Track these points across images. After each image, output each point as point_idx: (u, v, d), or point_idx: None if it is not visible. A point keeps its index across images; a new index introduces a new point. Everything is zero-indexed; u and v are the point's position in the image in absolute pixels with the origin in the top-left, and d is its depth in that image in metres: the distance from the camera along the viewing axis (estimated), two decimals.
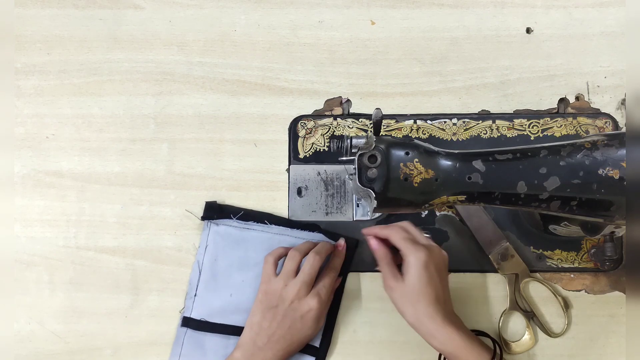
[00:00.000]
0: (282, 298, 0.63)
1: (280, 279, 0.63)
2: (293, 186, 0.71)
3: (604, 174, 0.50)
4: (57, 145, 0.72)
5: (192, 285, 0.69)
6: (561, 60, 0.72)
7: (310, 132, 0.71)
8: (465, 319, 0.69)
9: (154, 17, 0.73)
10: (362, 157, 0.53)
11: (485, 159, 0.53)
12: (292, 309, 0.62)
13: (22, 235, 0.71)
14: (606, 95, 0.71)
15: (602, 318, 0.69)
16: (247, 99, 0.72)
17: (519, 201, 0.53)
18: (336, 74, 0.73)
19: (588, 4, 0.73)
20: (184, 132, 0.72)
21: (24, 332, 0.69)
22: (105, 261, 0.71)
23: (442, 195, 0.53)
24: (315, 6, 0.73)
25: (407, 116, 0.71)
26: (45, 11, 0.74)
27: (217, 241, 0.69)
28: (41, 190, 0.72)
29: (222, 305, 0.68)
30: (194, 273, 0.69)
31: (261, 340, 0.62)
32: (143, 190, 0.71)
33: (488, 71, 0.72)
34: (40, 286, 0.70)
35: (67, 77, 0.73)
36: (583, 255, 0.69)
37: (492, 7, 0.73)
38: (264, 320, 0.63)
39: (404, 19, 0.73)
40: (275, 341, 0.62)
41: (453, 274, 0.69)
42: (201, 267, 0.69)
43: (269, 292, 0.64)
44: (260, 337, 0.62)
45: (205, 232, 0.69)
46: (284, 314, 0.62)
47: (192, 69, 0.73)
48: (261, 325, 0.63)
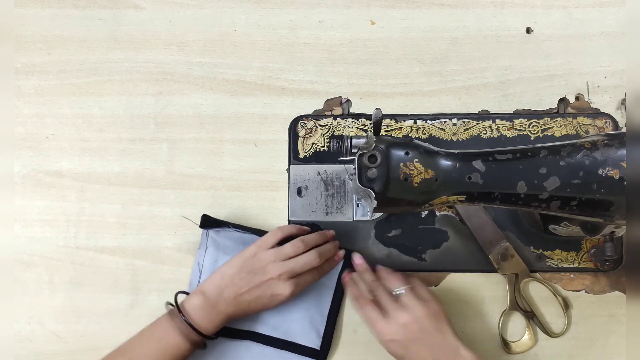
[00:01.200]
0: (264, 270, 0.63)
1: (273, 254, 0.63)
2: (293, 186, 0.71)
3: (604, 174, 0.50)
4: (57, 145, 0.72)
5: (192, 285, 0.69)
6: (561, 60, 0.72)
7: (310, 132, 0.71)
8: (465, 319, 0.69)
9: (154, 17, 0.73)
10: (362, 157, 0.53)
11: (485, 159, 0.53)
12: (268, 285, 0.62)
13: (22, 235, 0.71)
14: (606, 95, 0.71)
15: (602, 318, 0.69)
16: (247, 99, 0.72)
17: (519, 201, 0.53)
18: (336, 74, 0.73)
19: (588, 4, 0.73)
20: (184, 132, 0.72)
21: (24, 332, 0.70)
22: (105, 261, 0.71)
23: (442, 195, 0.53)
24: (315, 6, 0.73)
25: (407, 116, 0.71)
26: (45, 11, 0.74)
27: (218, 243, 0.69)
28: (41, 190, 0.72)
29: None
30: (194, 274, 0.69)
31: (228, 293, 0.62)
32: (143, 190, 0.71)
33: (488, 71, 0.72)
34: (40, 286, 0.70)
35: (67, 77, 0.73)
36: (583, 255, 0.69)
37: (492, 7, 0.73)
38: (238, 278, 0.63)
39: (404, 19, 0.73)
40: (239, 301, 0.62)
41: (453, 274, 0.70)
42: (201, 269, 0.69)
43: (256, 257, 0.64)
44: (228, 290, 0.62)
45: (205, 234, 0.69)
46: (259, 285, 0.62)
47: (192, 69, 0.73)
48: (233, 280, 0.63)
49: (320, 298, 0.69)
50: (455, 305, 0.69)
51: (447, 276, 0.70)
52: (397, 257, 0.70)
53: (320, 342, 0.68)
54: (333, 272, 0.69)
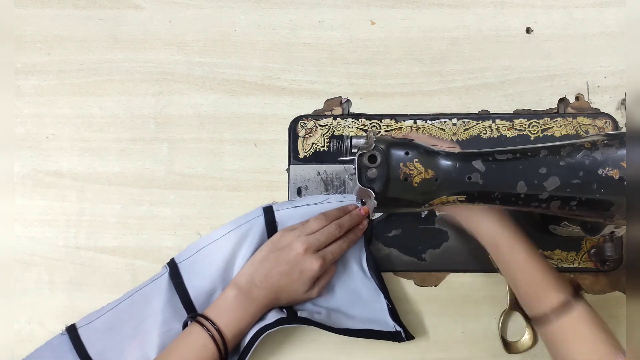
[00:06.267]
0: (290, 246, 0.63)
1: (297, 231, 0.64)
2: (293, 186, 0.71)
3: (604, 174, 0.50)
4: (57, 145, 0.72)
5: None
6: (561, 60, 0.72)
7: (310, 132, 0.71)
8: (465, 319, 0.69)
9: (154, 17, 0.73)
10: (362, 157, 0.53)
11: (485, 159, 0.53)
12: (295, 260, 0.62)
13: (22, 235, 0.71)
14: (606, 95, 0.71)
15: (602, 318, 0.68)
16: (247, 99, 0.72)
17: (519, 201, 0.53)
18: (336, 74, 0.73)
19: (588, 4, 0.73)
20: (184, 132, 0.72)
21: (24, 332, 0.69)
22: (105, 261, 0.71)
23: (442, 195, 0.53)
24: (315, 6, 0.73)
25: (407, 116, 0.71)
26: (45, 11, 0.74)
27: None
28: (41, 190, 0.72)
29: None
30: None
31: (259, 277, 0.63)
32: (143, 190, 0.71)
33: (488, 71, 0.72)
34: (40, 286, 0.70)
35: (67, 77, 0.73)
36: (583, 255, 0.69)
37: (492, 7, 0.73)
38: (267, 260, 0.63)
39: (403, 19, 0.73)
40: (270, 283, 0.63)
41: (453, 274, 0.69)
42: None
43: (282, 237, 0.65)
44: (258, 274, 0.63)
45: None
46: (286, 261, 0.63)
47: (192, 69, 0.73)
48: (262, 263, 0.63)
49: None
50: (455, 304, 0.69)
51: (447, 276, 0.70)
52: (397, 257, 0.70)
53: (393, 323, 0.66)
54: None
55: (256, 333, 0.62)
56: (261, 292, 0.63)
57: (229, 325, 0.61)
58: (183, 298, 0.66)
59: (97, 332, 0.66)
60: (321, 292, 0.66)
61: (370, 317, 0.67)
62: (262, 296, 0.63)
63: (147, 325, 0.66)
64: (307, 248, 0.62)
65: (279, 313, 0.64)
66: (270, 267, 0.63)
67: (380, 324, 0.66)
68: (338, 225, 0.65)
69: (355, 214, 0.67)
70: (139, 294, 0.66)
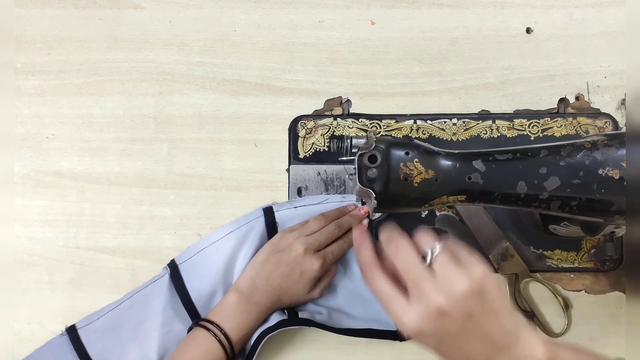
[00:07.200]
0: (290, 248, 0.63)
1: (297, 232, 0.64)
2: (293, 186, 0.71)
3: (604, 174, 0.50)
4: (57, 145, 0.72)
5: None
6: (561, 60, 0.72)
7: (310, 132, 0.71)
8: None
9: (154, 17, 0.74)
10: (362, 157, 0.53)
11: (485, 159, 0.53)
12: (295, 261, 0.62)
13: (22, 235, 0.71)
14: (606, 95, 0.71)
15: (602, 318, 0.69)
16: (247, 99, 0.72)
17: (519, 201, 0.53)
18: (336, 74, 0.73)
19: (588, 4, 0.73)
20: (184, 132, 0.72)
21: (24, 332, 0.69)
22: (105, 261, 0.70)
23: (442, 195, 0.53)
24: (315, 6, 0.73)
25: (407, 116, 0.71)
26: (45, 11, 0.74)
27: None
28: (41, 190, 0.72)
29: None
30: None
31: (260, 280, 0.63)
32: (143, 190, 0.71)
33: (488, 71, 0.72)
34: (40, 286, 0.70)
35: (67, 77, 0.73)
36: (583, 255, 0.69)
37: (492, 7, 0.73)
38: (267, 262, 0.63)
39: (403, 19, 0.73)
40: (271, 285, 0.62)
41: None
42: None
43: (282, 239, 0.64)
44: (259, 277, 0.63)
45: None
46: (287, 263, 0.62)
47: (192, 69, 0.73)
48: (263, 266, 0.63)
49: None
50: None
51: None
52: None
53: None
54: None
55: (259, 336, 0.62)
56: (263, 295, 0.62)
57: (234, 330, 0.61)
58: (184, 300, 0.66)
59: (97, 333, 0.65)
60: (323, 292, 0.66)
61: (371, 317, 0.67)
62: (264, 299, 0.62)
63: (147, 326, 0.66)
64: (306, 248, 0.62)
65: (281, 315, 0.64)
66: (271, 269, 0.63)
67: (381, 324, 0.66)
68: (338, 225, 0.65)
69: (355, 214, 0.67)
70: (139, 295, 0.66)
